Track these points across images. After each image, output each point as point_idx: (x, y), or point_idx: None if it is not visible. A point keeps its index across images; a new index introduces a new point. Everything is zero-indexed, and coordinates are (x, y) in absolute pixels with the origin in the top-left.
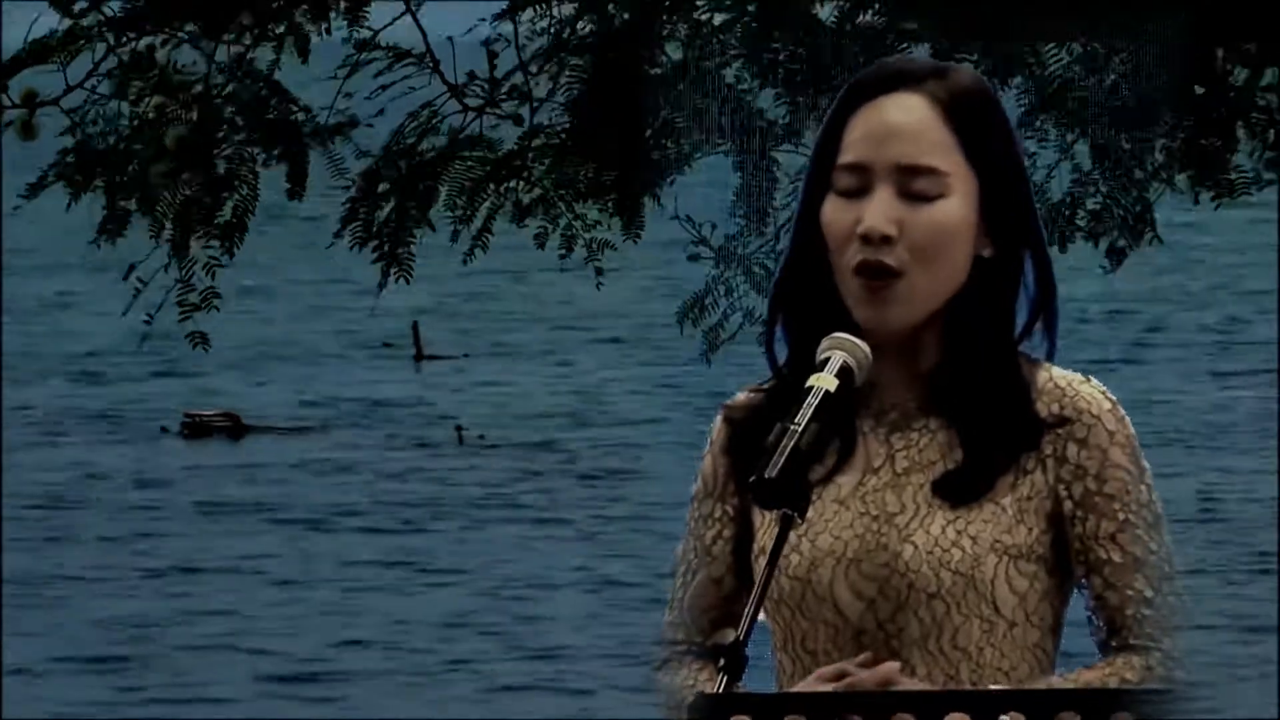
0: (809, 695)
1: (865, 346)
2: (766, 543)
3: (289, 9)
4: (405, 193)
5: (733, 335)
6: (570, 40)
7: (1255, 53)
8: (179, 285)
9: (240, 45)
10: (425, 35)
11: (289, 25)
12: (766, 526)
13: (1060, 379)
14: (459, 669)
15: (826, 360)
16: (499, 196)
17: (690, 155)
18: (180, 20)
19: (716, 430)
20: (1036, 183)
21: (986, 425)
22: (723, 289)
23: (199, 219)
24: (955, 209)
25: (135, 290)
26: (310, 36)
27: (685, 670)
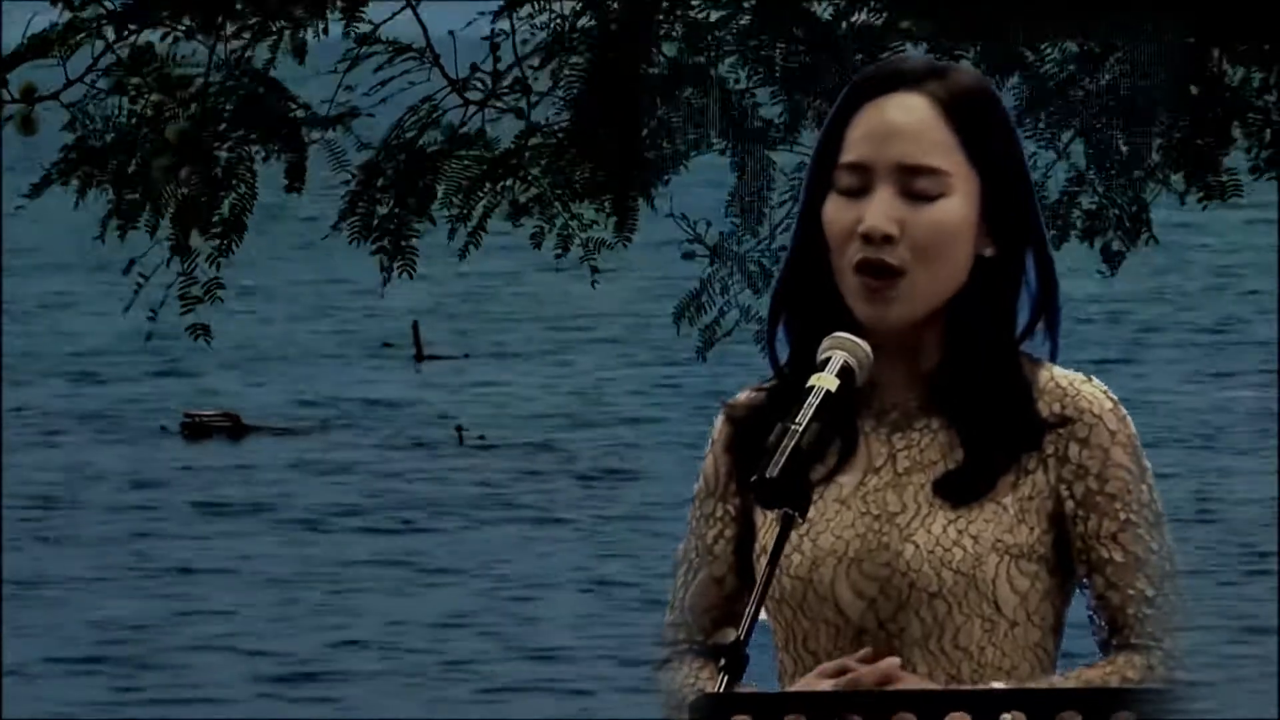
0: (809, 695)
1: (866, 346)
2: (768, 542)
3: (286, 6)
4: (405, 188)
5: (728, 333)
6: (569, 37)
7: (1251, 53)
8: (181, 278)
9: (240, 39)
10: (425, 29)
11: (286, 20)
12: (768, 526)
13: (1062, 378)
14: (457, 669)
15: (827, 360)
16: (495, 195)
17: (686, 154)
18: (178, 15)
19: (718, 429)
20: (1035, 182)
21: (988, 425)
22: (718, 287)
23: (197, 218)
24: (956, 208)
25: (137, 286)
26: (306, 40)
27: (686, 669)
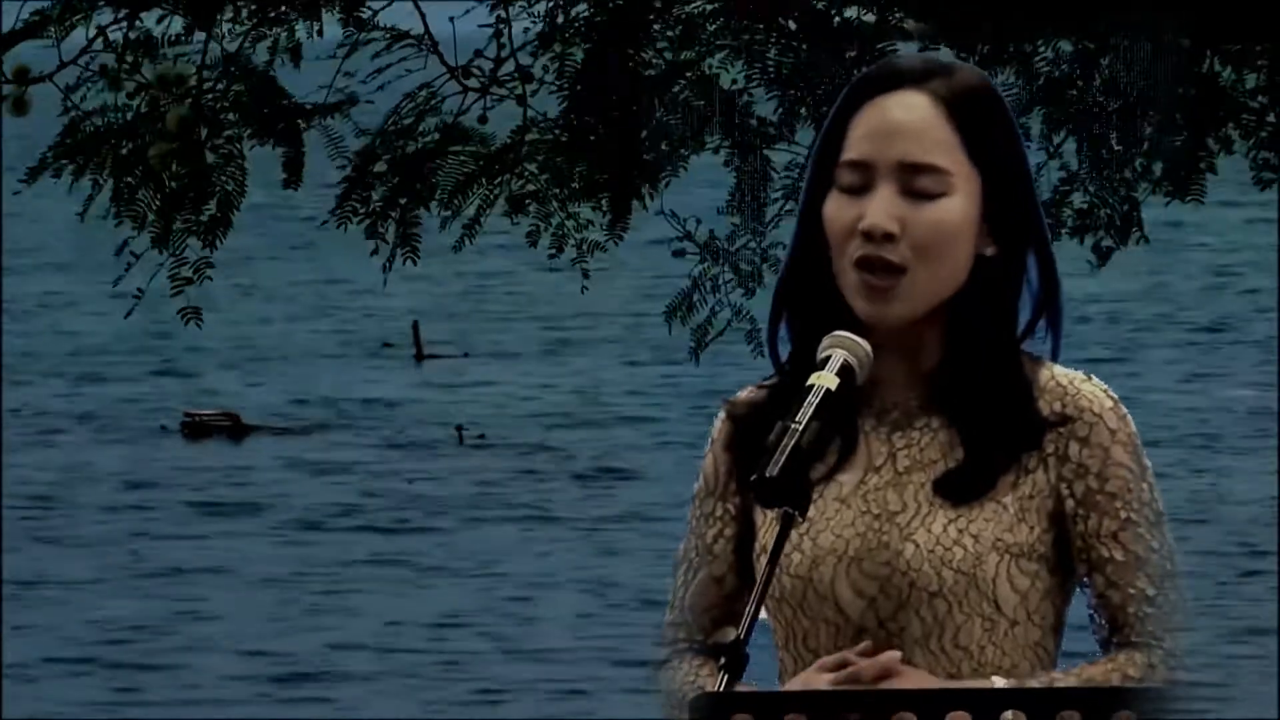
0: (810, 694)
1: (866, 345)
2: (768, 541)
3: (281, 4)
4: (403, 177)
5: (720, 333)
6: (564, 27)
7: (1244, 54)
8: (171, 259)
9: (239, 26)
10: (424, 16)
11: (281, 23)
12: (768, 525)
13: (1062, 377)
14: (455, 670)
15: (827, 358)
16: (491, 190)
17: (685, 157)
18: (175, 6)
19: (718, 428)
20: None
21: (988, 424)
22: (709, 286)
23: (183, 212)
24: (957, 207)
25: (127, 265)
26: (301, 43)
27: (686, 667)
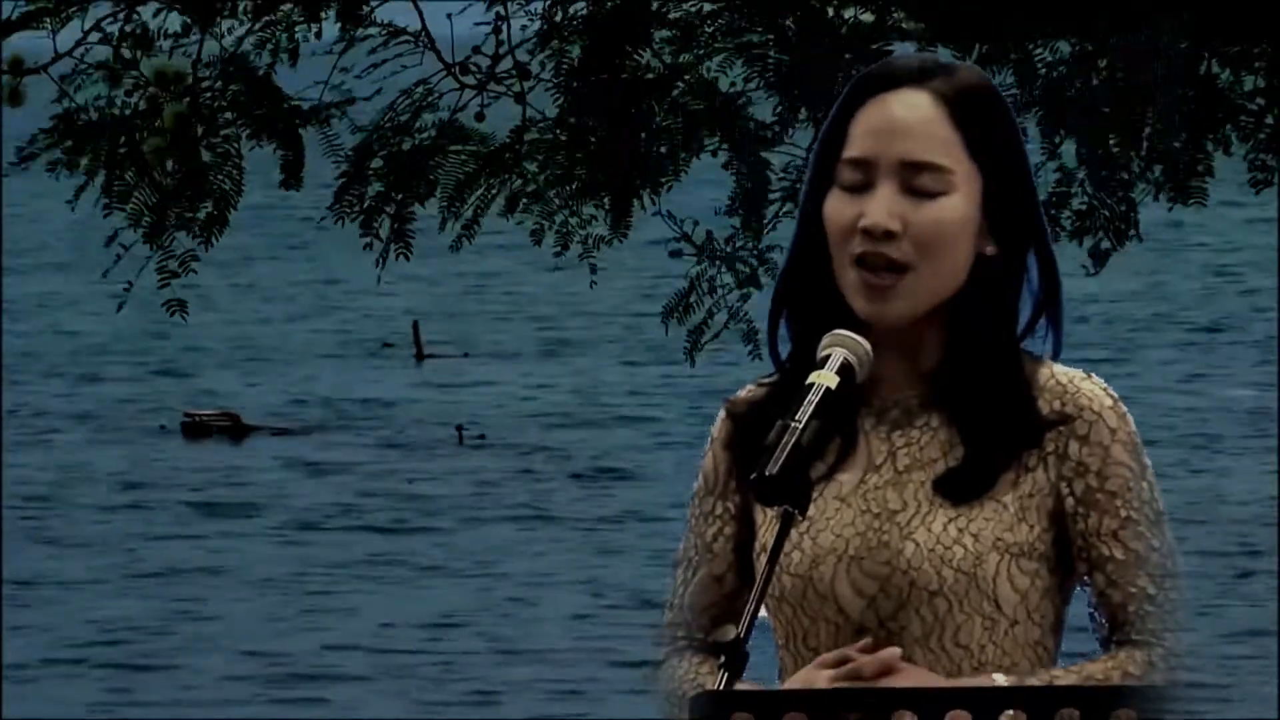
0: (810, 692)
1: (866, 344)
2: (768, 540)
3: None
4: (399, 174)
5: (716, 334)
6: (562, 25)
7: (1242, 56)
8: (159, 251)
9: (239, 24)
10: (421, 13)
11: (282, 18)
12: (768, 524)
13: (1062, 376)
14: (451, 670)
15: (827, 357)
16: (490, 189)
17: (687, 161)
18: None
19: (718, 426)
20: None
21: (988, 423)
22: (706, 287)
23: (178, 210)
24: (958, 206)
25: (117, 255)
26: (299, 44)
27: (685, 665)
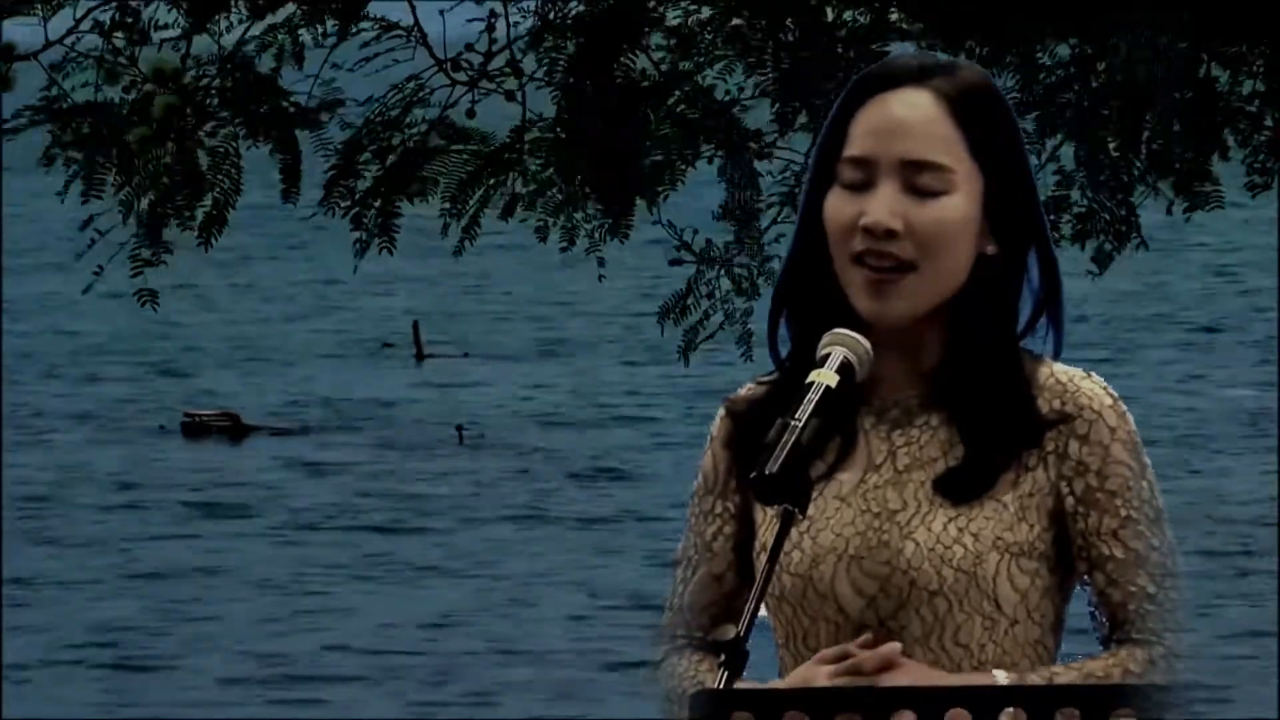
0: (810, 691)
1: (866, 343)
2: (767, 539)
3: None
4: (389, 169)
5: (710, 335)
6: (556, 23)
7: (1242, 58)
8: (134, 239)
9: (238, 22)
10: (414, 8)
11: (285, 28)
12: (767, 523)
13: (1062, 375)
14: (449, 670)
15: (827, 356)
16: (490, 189)
17: (684, 171)
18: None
19: (718, 425)
20: None
21: (988, 422)
22: (704, 289)
23: (175, 209)
24: (959, 205)
25: (91, 240)
26: (304, 45)
27: (685, 663)
